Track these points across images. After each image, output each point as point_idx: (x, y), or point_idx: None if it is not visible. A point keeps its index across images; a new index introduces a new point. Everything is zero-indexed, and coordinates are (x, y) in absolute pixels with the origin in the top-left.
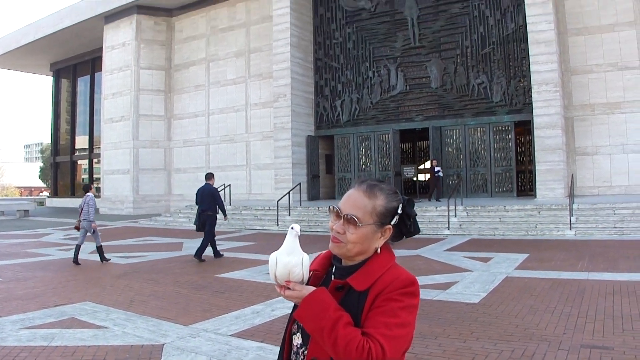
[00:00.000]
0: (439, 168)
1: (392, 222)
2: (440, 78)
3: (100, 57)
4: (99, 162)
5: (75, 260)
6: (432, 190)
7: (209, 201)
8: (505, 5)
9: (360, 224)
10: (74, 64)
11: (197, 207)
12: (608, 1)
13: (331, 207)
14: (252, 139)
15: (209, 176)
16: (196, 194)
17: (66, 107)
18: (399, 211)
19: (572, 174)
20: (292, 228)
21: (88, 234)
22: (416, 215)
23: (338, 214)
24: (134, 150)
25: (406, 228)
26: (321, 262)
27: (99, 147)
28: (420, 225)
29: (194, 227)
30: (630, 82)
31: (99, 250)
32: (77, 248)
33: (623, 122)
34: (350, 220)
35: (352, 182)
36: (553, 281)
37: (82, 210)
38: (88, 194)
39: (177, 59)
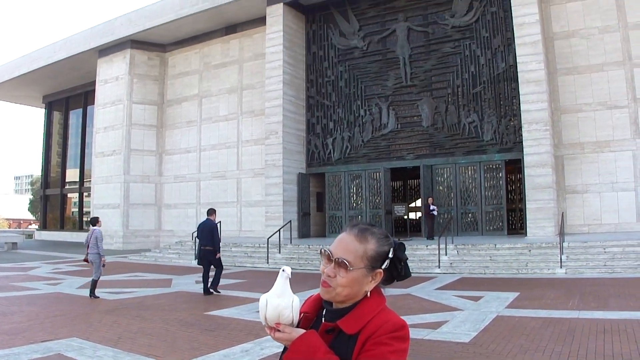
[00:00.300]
0: (434, 207)
1: (383, 266)
2: (431, 117)
3: (93, 91)
4: (89, 195)
5: (92, 294)
6: (431, 228)
7: (209, 236)
8: (496, 45)
9: (351, 268)
10: (66, 97)
11: (197, 241)
12: (597, 41)
13: (322, 251)
14: (243, 175)
15: (211, 212)
16: (197, 228)
17: (58, 139)
18: (390, 255)
19: (563, 212)
20: (282, 270)
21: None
22: (407, 259)
23: (329, 258)
24: (125, 185)
25: (397, 272)
26: (312, 304)
27: (90, 181)
28: (410, 264)
29: (184, 263)
30: (619, 121)
31: (93, 284)
32: (93, 283)
33: (612, 161)
34: (341, 264)
35: (344, 225)
36: (544, 320)
37: (89, 244)
38: (95, 227)
39: (169, 94)
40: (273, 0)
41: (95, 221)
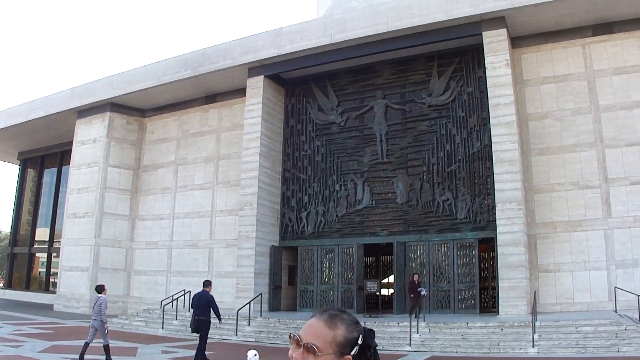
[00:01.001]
0: (422, 288)
1: (352, 353)
2: (406, 194)
3: (70, 151)
4: (58, 256)
5: (81, 358)
6: (417, 307)
7: (205, 307)
8: (471, 125)
9: (319, 354)
10: (42, 155)
11: (191, 310)
12: (570, 123)
13: (292, 335)
14: (215, 245)
15: (207, 284)
16: (192, 299)
17: (30, 197)
18: (359, 342)
19: (535, 291)
20: (255, 355)
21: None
22: (376, 346)
23: (298, 342)
24: (95, 248)
25: (366, 358)
26: None
27: (60, 242)
28: (381, 341)
29: (151, 332)
30: (591, 201)
31: (106, 349)
32: (85, 346)
33: (584, 240)
34: (309, 349)
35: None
36: None
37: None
38: (100, 295)
39: (146, 159)
40: (254, 72)
41: (100, 289)
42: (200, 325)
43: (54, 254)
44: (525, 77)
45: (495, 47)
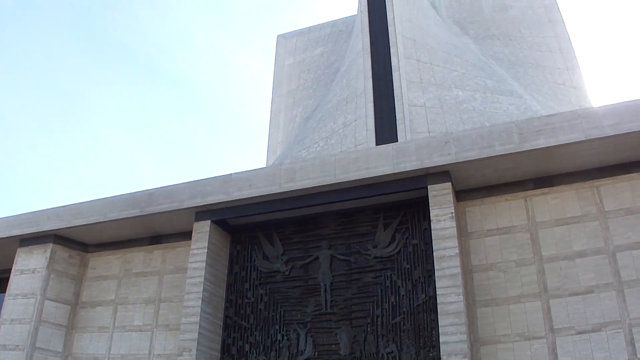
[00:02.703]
0: None
1: None
2: (349, 345)
3: (7, 279)
4: None
5: None
6: None
7: None
8: (416, 277)
9: None
10: None
11: None
12: (514, 274)
13: None
14: None
15: None
16: None
17: None
18: None
19: None
20: None
21: None
22: None
23: None
24: None
25: None
26: None
27: None
28: None
29: None
30: (537, 351)
31: None
32: None
33: None
34: None
35: None
36: None
37: None
38: None
39: (85, 295)
40: (201, 217)
41: None
42: None
43: None
44: (469, 229)
45: (440, 200)
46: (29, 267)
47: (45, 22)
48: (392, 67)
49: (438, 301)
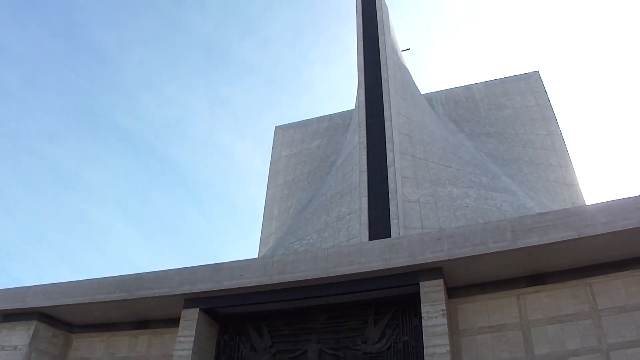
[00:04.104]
0: None
1: None
2: None
3: None
4: None
5: None
6: None
7: None
8: None
9: None
10: None
11: None
12: None
13: None
14: None
15: None
16: None
17: None
18: None
19: None
20: None
21: None
22: None
23: None
24: None
25: None
26: None
27: None
28: None
29: None
30: None
31: None
32: None
33: None
34: None
35: None
36: None
37: None
38: None
39: None
40: (189, 304)
41: None
42: None
43: None
44: (461, 326)
45: (432, 297)
46: (11, 344)
47: (48, 102)
48: (388, 163)
49: None
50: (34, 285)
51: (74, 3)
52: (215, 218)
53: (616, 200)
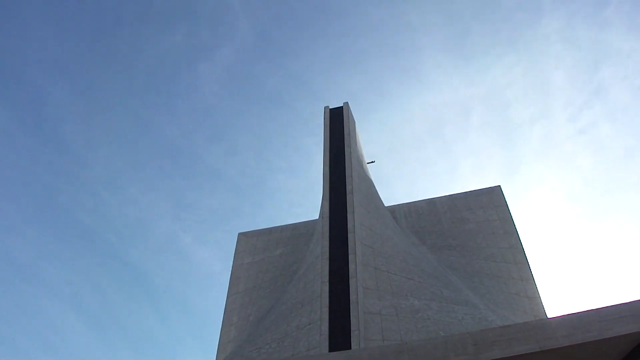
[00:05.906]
0: None
1: None
2: None
3: None
4: None
5: None
6: None
7: None
8: None
9: None
10: None
11: None
12: None
13: None
14: None
15: None
16: None
17: None
18: None
19: None
20: None
21: None
22: None
23: None
24: None
25: None
26: None
27: None
28: None
29: None
30: None
31: None
32: None
33: None
34: None
35: None
36: None
37: None
38: None
39: None
40: None
41: None
42: None
43: None
44: None
45: None
46: None
47: (10, 193)
48: (350, 274)
49: None
50: None
51: (45, 97)
52: (173, 322)
53: (577, 313)
